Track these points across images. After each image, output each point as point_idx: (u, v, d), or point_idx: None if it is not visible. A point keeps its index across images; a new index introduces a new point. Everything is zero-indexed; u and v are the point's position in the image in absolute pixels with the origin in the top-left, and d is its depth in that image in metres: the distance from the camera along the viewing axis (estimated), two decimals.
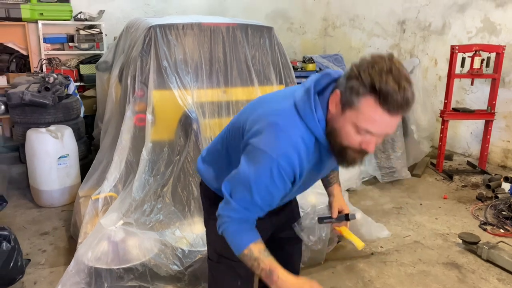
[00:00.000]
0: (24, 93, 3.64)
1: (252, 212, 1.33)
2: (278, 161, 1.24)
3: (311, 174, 1.40)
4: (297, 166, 1.27)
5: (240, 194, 1.31)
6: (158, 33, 2.98)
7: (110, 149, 3.11)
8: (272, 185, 1.28)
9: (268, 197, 1.31)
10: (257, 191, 1.28)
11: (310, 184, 1.55)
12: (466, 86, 4.94)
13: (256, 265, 1.30)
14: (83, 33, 5.33)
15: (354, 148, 1.24)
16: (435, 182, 4.38)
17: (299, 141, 1.27)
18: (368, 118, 1.16)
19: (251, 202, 1.30)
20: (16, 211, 3.51)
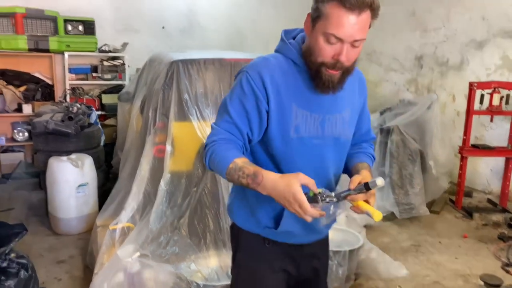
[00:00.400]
0: (48, 122, 3.75)
1: (234, 135, 1.34)
2: (247, 71, 1.35)
3: (304, 116, 1.36)
4: (266, 76, 1.33)
5: (221, 117, 1.37)
6: (180, 67, 3.06)
7: (129, 179, 3.16)
8: (243, 95, 1.34)
9: (241, 112, 1.34)
10: (231, 104, 1.35)
11: (315, 151, 1.40)
12: (485, 122, 4.90)
13: (241, 175, 1.26)
14: (107, 64, 5.51)
15: (328, 62, 1.27)
16: (454, 220, 4.29)
17: (269, 57, 1.40)
18: (334, 22, 1.21)
19: (230, 121, 1.34)
20: (34, 238, 3.55)
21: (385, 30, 6.39)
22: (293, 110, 1.34)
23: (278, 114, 1.34)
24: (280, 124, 1.35)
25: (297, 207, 1.18)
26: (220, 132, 1.35)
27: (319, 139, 1.39)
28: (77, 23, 5.21)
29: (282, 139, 1.36)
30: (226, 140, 1.34)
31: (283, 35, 1.44)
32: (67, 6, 5.33)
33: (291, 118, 1.34)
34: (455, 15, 5.41)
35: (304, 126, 1.36)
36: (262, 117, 1.35)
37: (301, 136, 1.36)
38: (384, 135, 4.39)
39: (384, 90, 6.66)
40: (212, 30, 6.33)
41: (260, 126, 1.37)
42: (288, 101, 1.35)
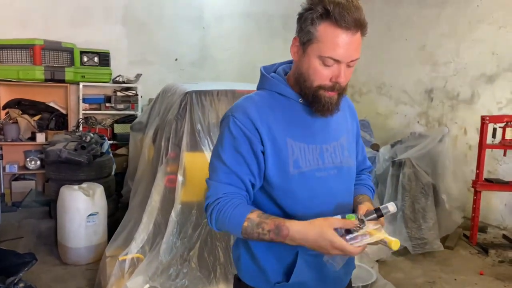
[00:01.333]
0: (62, 150, 3.79)
1: (235, 186, 1.24)
2: (233, 114, 1.27)
3: (301, 149, 1.27)
4: (253, 115, 1.25)
5: (217, 170, 1.26)
6: (194, 98, 3.11)
7: (139, 209, 3.15)
8: (234, 141, 1.24)
9: (238, 159, 1.24)
10: (225, 154, 1.25)
11: (320, 184, 1.30)
12: (498, 156, 4.85)
13: (261, 232, 1.16)
14: (120, 95, 5.60)
15: (326, 85, 1.22)
16: (469, 256, 4.18)
17: (252, 95, 1.33)
18: (330, 44, 1.17)
19: (228, 171, 1.24)
20: (43, 267, 3.51)
21: (395, 63, 6.46)
22: (288, 145, 1.26)
23: (274, 152, 1.26)
24: (277, 163, 1.26)
25: (338, 252, 1.11)
26: (220, 187, 1.24)
27: (322, 171, 1.30)
28: (92, 54, 5.35)
29: (281, 177, 1.26)
30: (230, 195, 1.23)
31: (263, 71, 1.39)
32: (84, 38, 5.48)
33: (288, 154, 1.26)
34: (465, 49, 5.45)
35: (303, 159, 1.27)
36: (259, 159, 1.26)
37: (302, 171, 1.27)
38: (396, 168, 4.35)
39: (394, 123, 6.66)
40: (224, 62, 6.44)
41: (259, 170, 1.27)
42: (281, 136, 1.26)
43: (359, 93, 7.45)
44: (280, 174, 1.26)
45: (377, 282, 2.96)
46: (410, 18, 6.27)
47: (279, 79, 1.33)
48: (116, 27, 5.81)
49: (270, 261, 1.31)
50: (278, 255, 1.29)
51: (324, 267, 1.29)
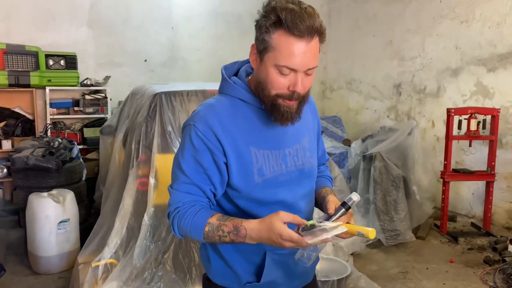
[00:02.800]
0: (29, 157, 3.69)
1: (195, 195, 1.23)
2: (194, 124, 1.24)
3: (264, 156, 1.27)
4: (215, 125, 1.22)
5: (177, 179, 1.25)
6: (163, 99, 3.08)
7: (111, 214, 3.10)
8: (195, 152, 1.22)
9: (198, 170, 1.22)
10: (185, 164, 1.23)
11: (283, 189, 1.31)
12: (464, 147, 5.01)
13: (222, 234, 1.17)
14: (89, 98, 5.49)
15: (284, 94, 1.20)
16: (440, 245, 4.31)
17: (213, 102, 1.30)
18: (284, 52, 1.15)
19: (188, 181, 1.23)
20: (13, 278, 3.41)
21: (364, 59, 6.58)
22: (252, 154, 1.25)
23: (238, 162, 1.24)
24: (241, 172, 1.25)
25: (289, 243, 1.11)
26: (180, 196, 1.23)
27: (284, 176, 1.30)
28: (58, 57, 5.21)
29: (246, 186, 1.26)
30: (190, 203, 1.22)
31: (224, 73, 1.34)
32: (49, 41, 5.35)
33: (252, 163, 1.25)
34: (429, 44, 5.61)
35: (267, 166, 1.27)
36: (221, 170, 1.24)
37: (266, 178, 1.27)
38: (367, 162, 4.44)
39: (365, 118, 6.78)
40: (195, 62, 6.40)
41: (221, 180, 1.26)
42: (244, 145, 1.25)
43: (330, 89, 7.55)
44: (244, 183, 1.25)
45: (351, 275, 3.01)
46: (376, 14, 6.39)
47: (240, 84, 1.30)
48: (82, 29, 5.68)
49: (239, 262, 1.32)
50: (246, 256, 1.31)
51: (292, 264, 1.31)
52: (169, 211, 1.25)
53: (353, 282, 3.02)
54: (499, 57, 4.75)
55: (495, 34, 4.78)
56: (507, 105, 4.66)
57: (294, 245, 1.11)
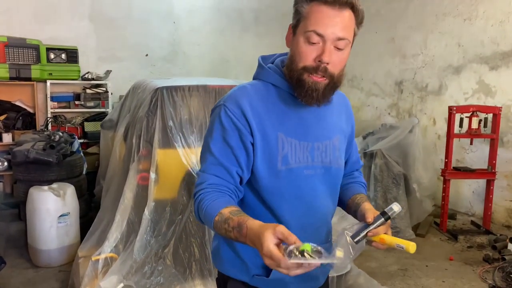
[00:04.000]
0: (29, 151, 3.68)
1: (222, 178, 1.20)
2: (224, 104, 1.24)
3: (291, 145, 1.24)
4: (245, 106, 1.22)
5: (205, 161, 1.24)
6: (165, 94, 3.07)
7: (111, 208, 3.10)
8: (224, 132, 1.22)
9: (226, 150, 1.21)
10: (214, 144, 1.22)
11: (307, 182, 1.26)
12: (465, 145, 5.00)
13: (227, 228, 1.10)
14: (90, 92, 5.48)
15: (310, 66, 1.16)
16: (439, 243, 4.31)
17: (246, 85, 1.29)
18: (313, 18, 1.14)
19: (216, 162, 1.21)
20: (13, 271, 3.41)
21: (366, 56, 6.56)
22: (279, 140, 1.23)
23: (264, 145, 1.22)
24: (266, 157, 1.23)
25: (268, 260, 0.98)
26: (207, 177, 1.21)
27: (310, 169, 1.26)
28: (59, 51, 5.20)
29: (269, 172, 1.23)
30: (214, 186, 1.20)
31: (260, 61, 1.35)
32: (50, 34, 5.33)
33: (278, 149, 1.22)
34: (432, 41, 5.59)
35: (292, 155, 1.24)
36: (248, 151, 1.22)
37: (290, 167, 1.23)
38: (367, 159, 4.43)
39: (366, 115, 6.77)
40: (196, 57, 6.39)
41: (248, 162, 1.23)
42: (273, 130, 1.23)
43: None
44: (267, 168, 1.23)
45: (351, 272, 3.01)
46: (379, 11, 6.37)
47: (274, 69, 1.29)
48: (84, 22, 5.67)
49: (249, 254, 1.27)
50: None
51: None
52: (194, 192, 1.23)
53: (353, 279, 3.03)
54: (502, 55, 4.73)
55: (498, 32, 4.76)
56: (508, 103, 4.65)
57: (272, 263, 0.97)
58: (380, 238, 1.18)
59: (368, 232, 1.16)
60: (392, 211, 1.16)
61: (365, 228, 1.17)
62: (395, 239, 1.16)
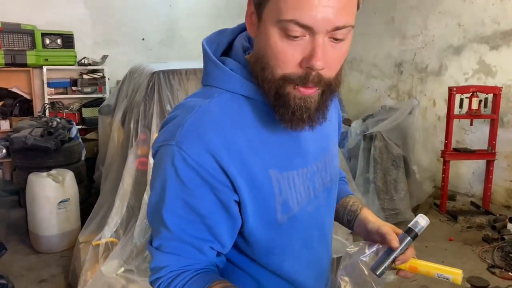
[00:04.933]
0: (27, 137, 3.66)
1: (190, 258, 0.80)
2: (178, 145, 0.75)
3: (289, 180, 0.84)
4: (217, 145, 0.75)
5: (160, 235, 0.79)
6: (161, 78, 3.04)
7: (111, 193, 3.10)
8: (185, 192, 0.76)
9: (191, 217, 0.77)
10: (168, 212, 0.77)
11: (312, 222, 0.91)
12: (465, 126, 4.98)
13: None
14: (86, 77, 5.43)
15: (294, 74, 0.73)
16: (439, 223, 4.33)
17: (202, 103, 0.79)
18: (291, 1, 0.68)
19: (178, 239, 0.78)
20: (14, 257, 3.43)
21: (365, 37, 6.48)
22: (273, 180, 0.82)
23: (254, 198, 0.80)
24: (259, 211, 0.82)
25: None
26: (165, 260, 0.80)
27: (313, 203, 0.90)
28: (55, 36, 5.14)
29: (266, 230, 0.84)
30: (177, 269, 0.80)
31: (209, 51, 0.86)
32: (45, 19, 5.25)
33: (274, 194, 0.82)
34: (432, 22, 5.52)
35: (293, 196, 0.85)
36: (232, 214, 0.80)
37: (293, 213, 0.85)
38: (367, 141, 4.42)
39: (366, 97, 6.73)
40: (193, 41, 6.30)
41: (232, 230, 0.82)
42: (262, 169, 0.81)
43: None
44: (263, 226, 0.83)
45: None
46: None
47: (242, 72, 0.82)
48: (79, 7, 5.58)
49: None
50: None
51: None
52: (150, 280, 0.83)
53: None
54: (503, 34, 4.67)
55: (499, 10, 4.69)
56: (509, 83, 4.61)
57: None
58: (410, 266, 0.91)
59: (395, 260, 0.89)
60: (419, 226, 0.91)
61: (388, 254, 0.89)
62: (435, 268, 0.91)
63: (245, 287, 0.88)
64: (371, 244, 0.95)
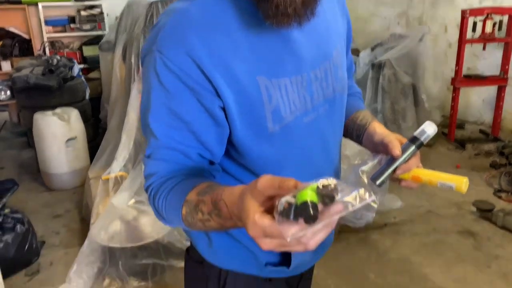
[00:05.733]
0: (29, 76, 3.61)
1: (179, 163, 0.78)
2: (159, 50, 0.74)
3: (281, 88, 0.79)
4: (197, 48, 0.72)
5: (150, 143, 0.80)
6: (160, 8, 2.91)
7: (117, 130, 3.10)
8: (167, 96, 0.75)
9: (177, 126, 0.76)
10: (154, 118, 0.77)
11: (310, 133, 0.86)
12: (477, 52, 4.81)
13: (202, 217, 0.68)
14: (84, 14, 5.26)
15: None
16: (447, 152, 4.32)
17: (186, 6, 0.76)
18: None
19: (165, 147, 0.78)
20: (29, 195, 3.52)
21: None
22: (262, 87, 0.77)
23: (241, 104, 0.77)
24: (247, 120, 0.79)
25: (264, 241, 0.55)
26: (156, 167, 0.79)
27: (310, 114, 0.85)
28: None
29: (257, 140, 0.81)
30: (167, 173, 0.79)
31: None
32: None
33: (263, 102, 0.78)
34: None
35: (285, 104, 0.80)
36: (218, 121, 0.78)
37: (286, 122, 0.81)
38: (375, 70, 4.31)
39: (374, 26, 6.47)
40: None
41: (219, 137, 0.80)
42: (249, 75, 0.76)
43: None
44: (253, 136, 0.80)
45: None
46: None
47: None
48: None
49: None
50: None
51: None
52: (145, 187, 0.83)
53: None
54: None
55: None
56: None
57: (274, 244, 0.55)
58: (413, 176, 0.85)
59: (397, 169, 0.84)
60: (426, 135, 0.83)
61: (389, 163, 0.84)
62: (438, 176, 0.82)
63: None
64: (375, 155, 0.90)
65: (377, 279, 2.42)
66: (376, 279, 2.42)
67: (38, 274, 2.50)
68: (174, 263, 2.37)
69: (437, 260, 2.57)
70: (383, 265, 2.54)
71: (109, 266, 2.34)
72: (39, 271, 2.52)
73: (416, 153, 0.86)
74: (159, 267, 2.37)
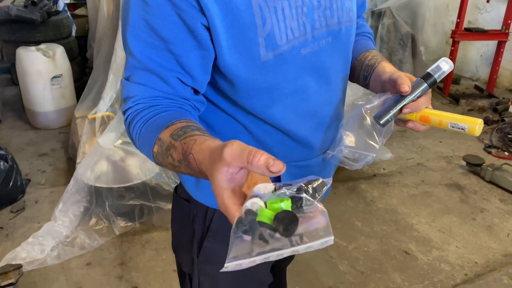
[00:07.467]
0: (10, 7, 3.41)
1: (157, 89, 0.72)
2: None
3: (276, 11, 0.71)
4: None
5: (128, 63, 0.73)
6: None
7: (104, 68, 2.97)
8: (146, 10, 0.68)
9: (153, 41, 0.69)
10: (132, 35, 0.70)
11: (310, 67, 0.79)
12: (480, 4, 4.66)
13: (172, 162, 0.64)
14: None
15: None
16: (441, 106, 4.28)
17: None
18: None
19: (142, 67, 0.71)
20: (13, 132, 3.44)
21: None
22: (254, 8, 0.69)
23: (230, 24, 0.69)
24: (236, 43, 0.70)
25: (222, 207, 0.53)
26: (134, 90, 0.73)
27: (310, 45, 0.76)
28: None
29: (247, 68, 0.73)
30: (146, 100, 0.72)
31: None
32: None
33: (255, 24, 0.69)
34: None
35: (281, 29, 0.72)
36: (201, 42, 0.70)
37: (281, 50, 0.73)
38: (375, 18, 4.16)
39: None
40: None
41: (204, 60, 0.72)
42: None
43: None
44: (243, 62, 0.72)
45: None
46: None
47: None
48: None
49: None
50: None
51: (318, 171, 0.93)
52: (122, 110, 0.76)
53: None
54: None
55: None
56: None
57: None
58: (421, 116, 0.77)
59: (404, 108, 0.75)
60: (441, 71, 0.75)
61: (396, 102, 0.76)
62: (450, 116, 0.74)
63: (233, 133, 0.83)
64: (381, 94, 0.82)
65: (364, 228, 2.44)
66: (363, 227, 2.44)
67: (23, 211, 2.47)
68: (161, 205, 2.35)
69: (423, 211, 2.60)
70: (370, 214, 2.56)
71: (96, 206, 2.31)
72: (24, 208, 2.49)
73: (428, 92, 0.78)
74: (146, 209, 2.35)
